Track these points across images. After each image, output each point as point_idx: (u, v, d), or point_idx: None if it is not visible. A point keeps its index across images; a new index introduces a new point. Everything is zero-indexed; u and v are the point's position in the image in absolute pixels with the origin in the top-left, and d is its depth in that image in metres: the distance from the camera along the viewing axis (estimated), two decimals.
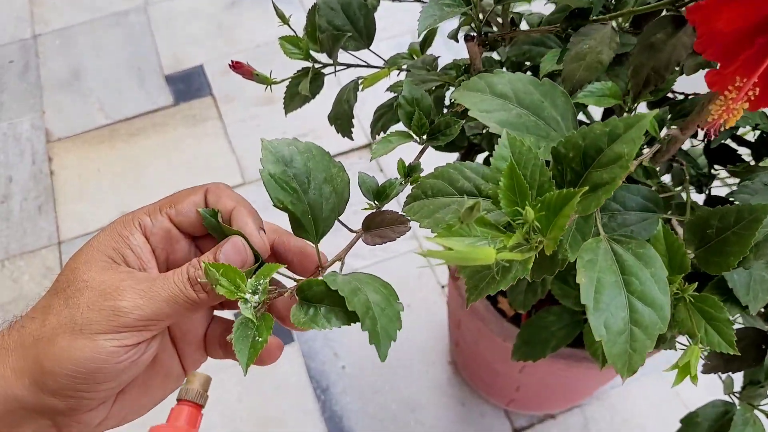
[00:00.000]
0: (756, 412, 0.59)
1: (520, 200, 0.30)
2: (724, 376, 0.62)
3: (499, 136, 0.33)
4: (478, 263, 0.27)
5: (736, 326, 0.53)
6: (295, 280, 0.39)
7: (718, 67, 0.33)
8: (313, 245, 0.39)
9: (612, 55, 0.36)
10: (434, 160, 0.48)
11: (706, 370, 0.53)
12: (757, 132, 0.47)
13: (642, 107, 0.49)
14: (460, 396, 1.07)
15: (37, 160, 1.45)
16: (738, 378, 0.62)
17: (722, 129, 0.31)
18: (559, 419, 1.04)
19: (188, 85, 1.55)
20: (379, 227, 0.42)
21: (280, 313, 0.39)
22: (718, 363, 0.51)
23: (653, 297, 0.30)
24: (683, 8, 0.32)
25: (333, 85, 0.58)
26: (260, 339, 0.35)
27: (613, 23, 0.37)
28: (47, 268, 1.29)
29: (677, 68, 0.37)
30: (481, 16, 0.45)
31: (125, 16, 1.70)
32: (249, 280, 0.35)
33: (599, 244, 0.32)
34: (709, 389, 0.65)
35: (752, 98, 0.31)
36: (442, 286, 1.18)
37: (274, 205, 0.39)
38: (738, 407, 0.58)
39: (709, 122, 0.31)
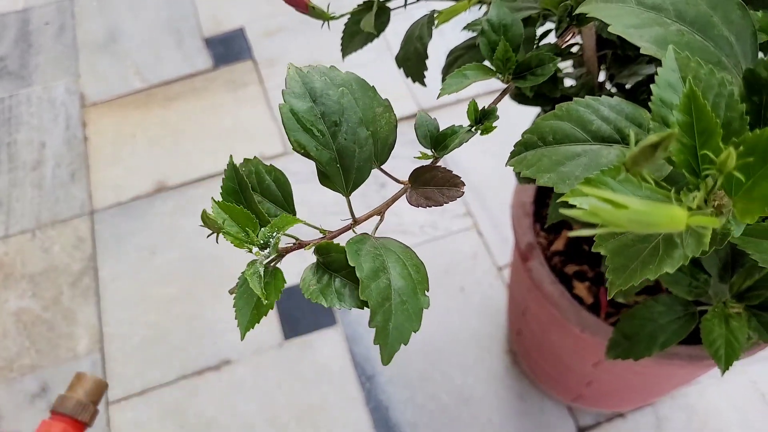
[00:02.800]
0: None
1: (705, 142, 0.20)
2: None
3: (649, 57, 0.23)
4: (661, 228, 0.17)
5: None
6: (322, 232, 0.31)
7: None
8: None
9: None
10: (513, 119, 0.38)
11: None
12: None
13: None
14: (518, 389, 0.97)
15: (72, 125, 1.40)
16: None
17: None
18: (629, 418, 0.94)
19: (228, 48, 1.47)
20: (428, 185, 0.34)
21: None
22: None
23: None
24: None
25: (398, 26, 0.48)
26: (266, 301, 0.27)
27: None
28: (79, 238, 1.23)
29: None
30: None
31: None
32: (262, 229, 0.28)
33: None
34: None
35: None
36: (499, 268, 1.09)
37: (294, 149, 0.31)
38: None
39: None
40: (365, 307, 0.30)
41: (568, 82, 0.50)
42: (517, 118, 0.67)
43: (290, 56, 1.43)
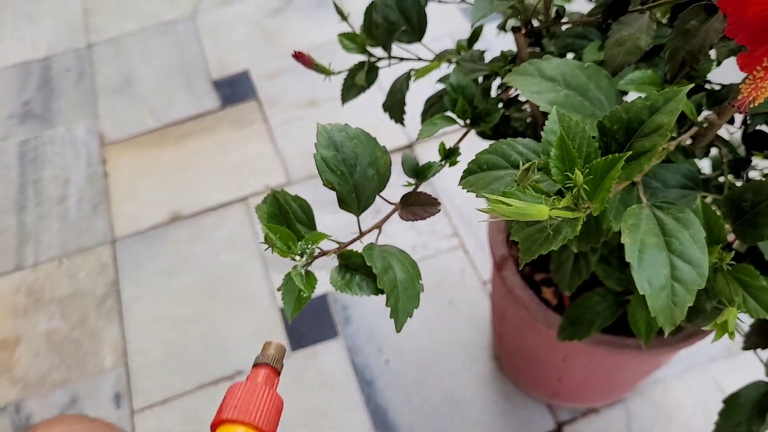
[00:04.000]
0: None
1: (569, 167, 0.33)
2: (765, 359, 0.63)
3: (547, 115, 0.36)
4: (532, 218, 0.30)
5: None
6: (338, 244, 0.43)
7: (748, 51, 0.36)
8: None
9: (649, 41, 0.39)
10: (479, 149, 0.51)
11: (747, 346, 0.54)
12: None
13: None
14: (503, 390, 1.09)
15: (92, 162, 1.53)
16: None
17: (751, 105, 0.33)
18: (602, 413, 1.05)
19: (234, 90, 1.61)
20: (414, 205, 0.46)
21: None
22: (758, 339, 0.53)
23: (692, 255, 0.33)
24: None
25: (383, 81, 0.62)
26: (304, 294, 0.39)
27: (649, 15, 0.40)
28: (102, 264, 1.35)
29: (711, 56, 0.39)
30: (529, 10, 0.48)
31: (174, 24, 1.78)
32: (299, 242, 0.40)
33: (642, 210, 0.34)
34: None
35: None
36: (484, 283, 1.21)
37: (324, 185, 0.43)
38: None
39: (740, 99, 0.34)
40: (380, 294, 0.42)
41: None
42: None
43: (291, 96, 1.57)
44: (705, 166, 0.62)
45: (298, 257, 0.39)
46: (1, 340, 1.26)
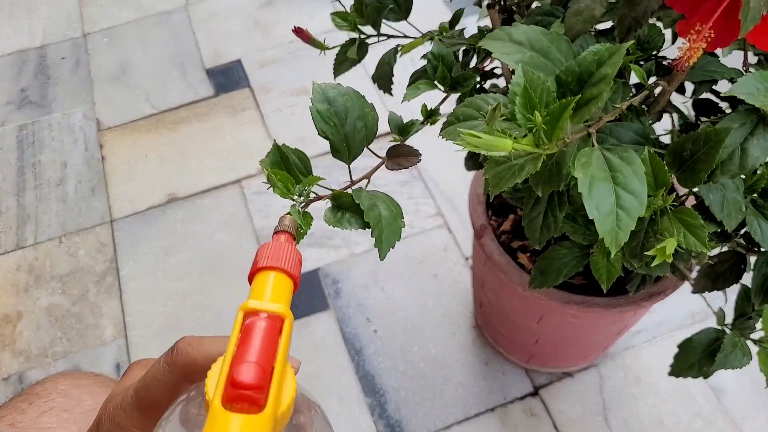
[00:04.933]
0: (745, 340, 0.67)
1: (531, 112, 0.39)
2: (716, 308, 0.70)
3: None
4: (498, 149, 0.36)
5: (721, 250, 0.61)
6: (330, 190, 0.50)
7: (685, 19, 0.42)
8: None
9: (602, 11, 0.46)
10: None
11: (696, 289, 0.61)
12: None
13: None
14: (484, 356, 1.16)
15: (90, 146, 1.57)
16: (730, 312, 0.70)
17: (687, 64, 0.40)
18: (576, 377, 1.12)
19: (227, 78, 1.67)
20: (398, 156, 0.52)
21: None
22: (705, 283, 0.60)
23: (633, 187, 0.39)
24: None
25: (373, 56, 0.68)
26: (302, 230, 0.45)
27: None
28: (101, 243, 1.40)
29: (660, 29, 0.46)
30: None
31: (168, 15, 1.83)
32: (297, 185, 0.46)
33: (593, 151, 0.41)
34: None
35: (709, 39, 0.40)
36: (466, 258, 1.28)
37: (319, 134, 0.49)
38: (728, 333, 0.67)
39: (677, 59, 0.40)
40: (367, 228, 0.49)
41: None
42: None
43: (282, 84, 1.63)
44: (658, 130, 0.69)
45: (296, 197, 0.45)
46: (3, 315, 1.31)
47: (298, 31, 0.61)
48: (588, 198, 0.39)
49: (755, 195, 0.52)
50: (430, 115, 0.54)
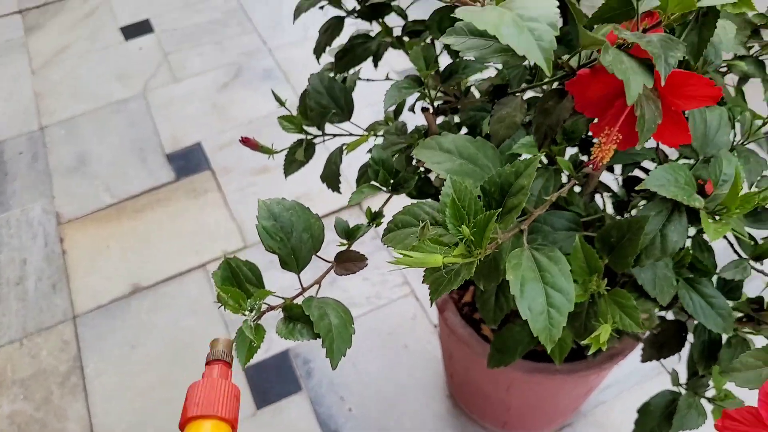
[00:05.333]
0: (699, 399, 0.70)
1: (460, 223, 0.42)
2: (670, 369, 0.73)
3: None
4: (430, 266, 0.38)
5: (665, 318, 0.64)
6: (283, 299, 0.51)
7: (596, 121, 0.46)
8: None
9: (522, 118, 0.49)
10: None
11: (644, 358, 0.63)
12: (654, 164, 0.59)
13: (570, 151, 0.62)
14: (459, 426, 1.16)
15: (50, 241, 1.57)
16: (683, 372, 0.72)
17: (601, 164, 0.43)
18: None
19: (188, 162, 1.69)
20: (346, 261, 0.54)
21: None
22: (651, 352, 0.62)
23: (561, 285, 0.42)
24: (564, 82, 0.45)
25: (320, 151, 0.71)
26: (255, 344, 0.47)
27: (523, 96, 0.51)
28: (63, 342, 1.38)
29: (564, 123, 0.49)
30: (433, 93, 0.58)
31: (125, 103, 1.85)
32: (248, 300, 0.48)
33: (523, 252, 0.43)
34: None
35: (618, 141, 0.43)
36: (435, 326, 1.29)
37: (266, 249, 0.51)
38: (683, 394, 0.69)
39: (592, 159, 0.44)
40: (318, 338, 0.50)
41: None
42: None
43: (243, 164, 1.65)
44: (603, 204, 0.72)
45: (247, 312, 0.47)
46: None
47: (245, 141, 0.64)
48: (520, 299, 0.41)
49: (684, 268, 0.55)
50: (374, 218, 0.56)
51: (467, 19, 0.32)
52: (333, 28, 0.63)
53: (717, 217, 0.46)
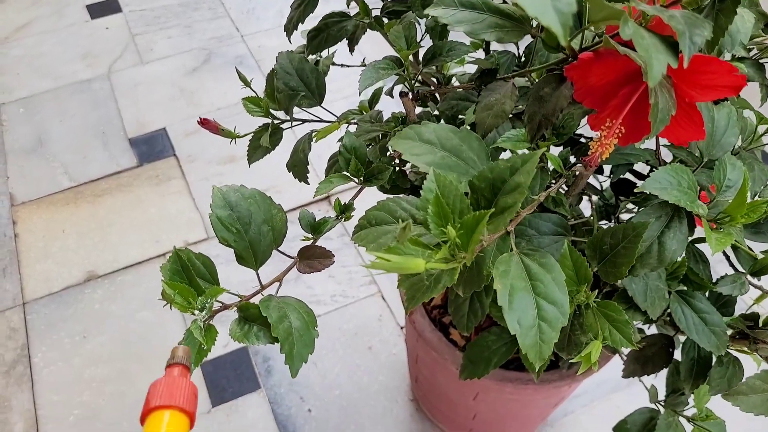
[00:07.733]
0: (679, 417, 0.66)
1: (444, 223, 0.37)
2: (649, 385, 0.69)
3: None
4: (411, 271, 0.34)
5: (649, 332, 0.60)
6: (239, 297, 0.46)
7: (596, 113, 0.42)
8: None
9: (513, 106, 0.45)
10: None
11: (626, 374, 0.60)
12: (648, 167, 0.56)
13: (553, 149, 0.57)
14: (422, 431, 1.12)
15: (2, 223, 1.48)
16: (662, 388, 0.69)
17: (600, 159, 0.39)
18: None
19: (152, 147, 1.61)
20: (310, 258, 0.49)
21: None
22: (635, 367, 0.58)
23: (554, 297, 0.37)
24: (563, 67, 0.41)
25: (290, 140, 0.65)
26: (205, 347, 0.42)
27: (514, 81, 0.46)
28: (11, 329, 1.30)
29: (562, 114, 0.45)
30: (413, 77, 0.53)
31: (89, 84, 1.77)
32: (199, 297, 0.42)
33: (511, 257, 0.39)
34: None
35: (620, 135, 0.39)
36: (401, 328, 1.24)
37: (220, 242, 0.46)
38: (662, 413, 0.65)
39: (590, 155, 0.39)
40: (276, 342, 0.45)
41: None
42: None
43: (209, 153, 1.58)
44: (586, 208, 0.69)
45: (197, 311, 0.42)
46: None
47: (204, 123, 0.59)
48: (508, 311, 0.37)
49: (677, 281, 0.51)
50: (343, 211, 0.51)
51: None
52: (307, 3, 0.58)
53: (719, 227, 0.42)
